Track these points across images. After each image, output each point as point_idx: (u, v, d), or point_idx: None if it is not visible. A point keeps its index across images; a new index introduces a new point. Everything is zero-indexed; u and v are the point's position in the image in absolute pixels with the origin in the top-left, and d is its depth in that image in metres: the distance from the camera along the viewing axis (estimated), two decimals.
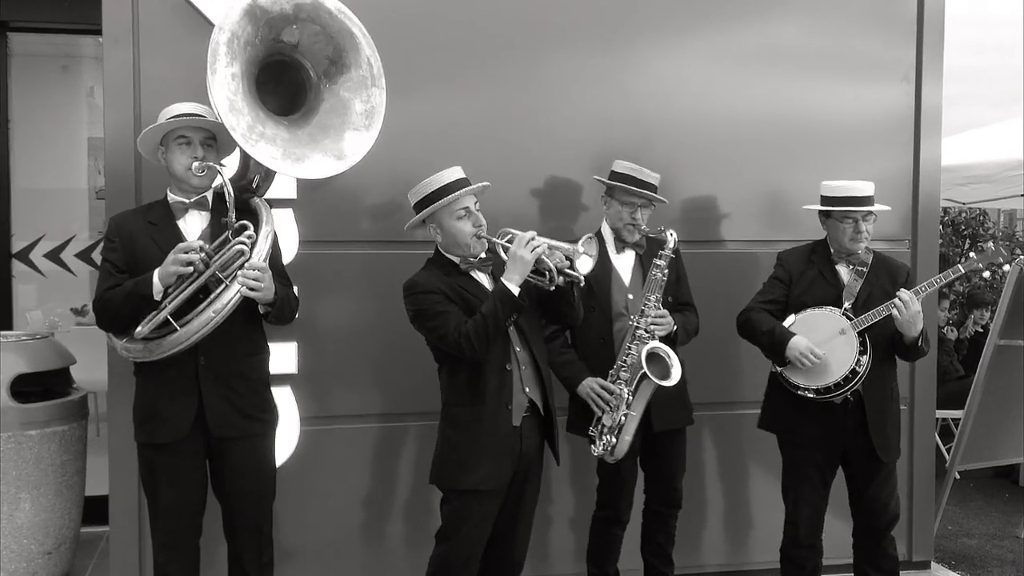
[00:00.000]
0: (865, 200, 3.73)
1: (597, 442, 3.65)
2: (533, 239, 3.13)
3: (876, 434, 3.68)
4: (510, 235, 3.23)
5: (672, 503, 3.92)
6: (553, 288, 3.20)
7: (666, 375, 3.57)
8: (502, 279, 3.15)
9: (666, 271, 3.72)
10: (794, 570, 3.88)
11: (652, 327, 3.64)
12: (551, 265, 3.14)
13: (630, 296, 3.80)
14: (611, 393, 3.63)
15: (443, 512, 3.35)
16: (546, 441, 3.42)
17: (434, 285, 3.25)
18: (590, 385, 3.69)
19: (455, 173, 3.31)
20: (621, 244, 3.86)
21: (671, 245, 3.73)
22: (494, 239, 3.27)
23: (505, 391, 3.25)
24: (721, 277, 4.43)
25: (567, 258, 3.17)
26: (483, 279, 3.34)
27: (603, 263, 3.76)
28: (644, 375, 3.57)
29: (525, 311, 3.20)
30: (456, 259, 3.32)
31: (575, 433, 3.81)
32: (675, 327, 3.72)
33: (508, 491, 3.33)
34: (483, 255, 3.32)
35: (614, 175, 3.83)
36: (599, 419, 3.66)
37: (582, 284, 3.23)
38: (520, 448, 3.30)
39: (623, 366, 3.66)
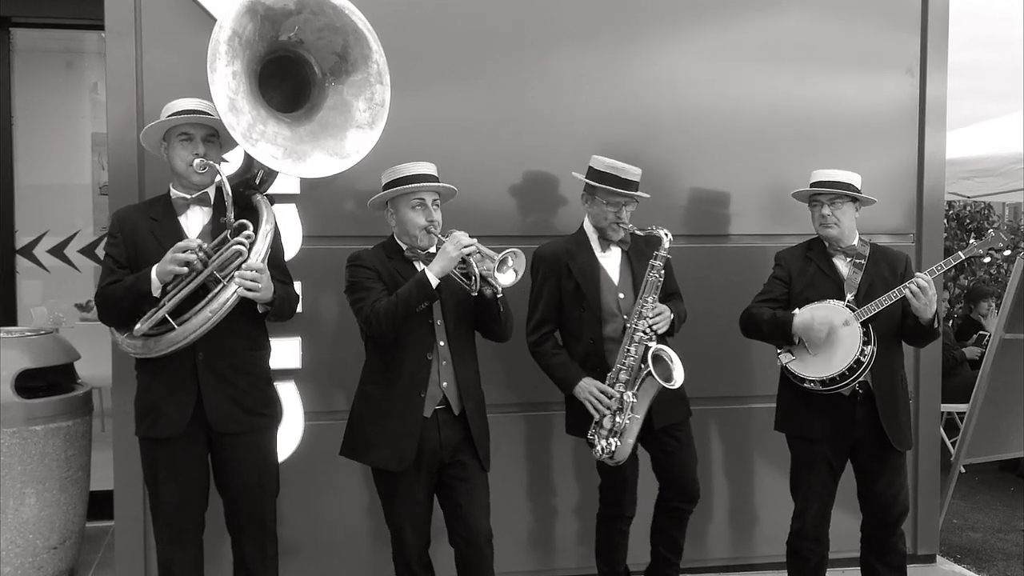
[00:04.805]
0: (829, 184, 3.73)
1: (597, 445, 3.59)
2: (466, 240, 3.19)
3: (888, 422, 3.67)
4: (452, 234, 3.27)
5: (690, 497, 3.82)
6: (476, 294, 3.25)
7: (669, 376, 3.54)
8: (425, 268, 3.22)
9: (662, 272, 3.63)
10: (800, 563, 3.88)
11: (652, 327, 3.58)
12: (476, 269, 3.19)
13: (621, 295, 3.70)
14: (609, 396, 3.58)
15: None
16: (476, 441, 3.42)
17: (371, 263, 3.38)
18: (588, 388, 3.60)
19: (423, 167, 3.40)
20: (605, 243, 3.75)
21: (666, 245, 3.64)
22: (439, 235, 3.32)
23: (420, 380, 3.32)
24: (727, 271, 4.44)
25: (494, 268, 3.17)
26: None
27: (590, 263, 3.72)
28: (648, 376, 3.53)
29: (436, 300, 3.27)
30: (405, 247, 3.41)
31: (573, 435, 3.77)
32: (672, 317, 3.65)
33: (440, 483, 3.39)
34: (433, 250, 3.35)
35: (594, 173, 3.69)
36: (598, 422, 3.59)
37: (499, 295, 3.27)
38: (439, 440, 3.33)
39: (622, 368, 3.58)
